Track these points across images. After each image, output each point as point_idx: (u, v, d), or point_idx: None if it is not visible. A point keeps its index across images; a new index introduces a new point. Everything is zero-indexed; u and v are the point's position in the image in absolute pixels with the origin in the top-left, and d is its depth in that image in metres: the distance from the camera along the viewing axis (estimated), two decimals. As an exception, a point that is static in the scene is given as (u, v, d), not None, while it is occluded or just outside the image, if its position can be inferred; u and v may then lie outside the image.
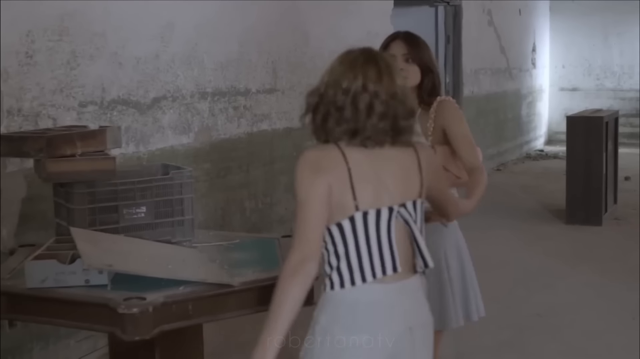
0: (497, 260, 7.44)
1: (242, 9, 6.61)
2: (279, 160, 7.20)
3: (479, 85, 12.64)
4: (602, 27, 15.62)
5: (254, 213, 6.85)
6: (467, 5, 11.79)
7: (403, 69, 3.63)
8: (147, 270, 3.23)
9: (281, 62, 7.19)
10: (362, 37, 8.49)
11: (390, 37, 3.81)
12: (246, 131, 6.73)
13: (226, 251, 3.82)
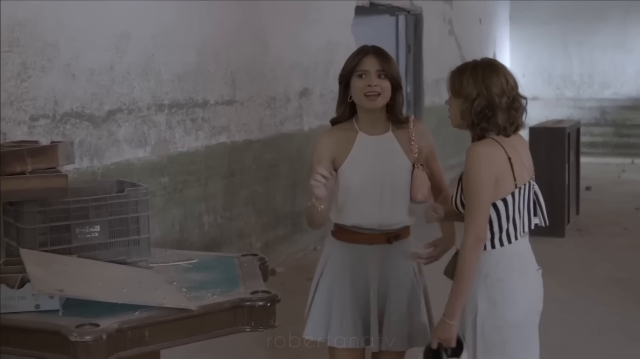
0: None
1: (199, 17, 6.46)
2: (238, 173, 7.04)
3: (440, 95, 12.55)
4: (561, 36, 15.67)
5: (212, 228, 6.68)
6: (428, 14, 11.72)
7: (377, 85, 3.57)
8: (100, 294, 3.11)
9: (240, 72, 7.04)
10: (322, 46, 8.39)
11: (362, 52, 3.64)
12: (204, 144, 6.57)
13: (184, 272, 3.71)
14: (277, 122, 7.67)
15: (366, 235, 3.65)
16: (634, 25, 15.46)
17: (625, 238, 8.69)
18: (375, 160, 3.63)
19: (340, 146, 3.62)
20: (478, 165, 3.18)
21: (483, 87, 3.22)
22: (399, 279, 3.67)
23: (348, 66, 3.61)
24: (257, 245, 7.35)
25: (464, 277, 3.18)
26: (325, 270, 3.72)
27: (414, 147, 3.64)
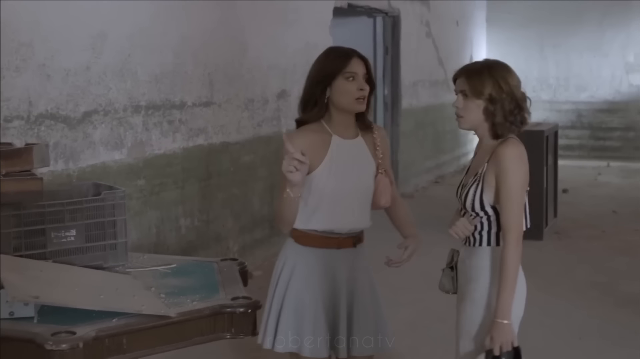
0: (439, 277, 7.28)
1: (177, 18, 6.37)
2: (215, 176, 6.96)
3: (418, 97, 12.54)
4: (538, 39, 15.70)
5: (190, 232, 6.59)
6: (406, 16, 11.68)
7: (363, 90, 3.54)
8: (77, 301, 3.02)
9: (218, 73, 6.96)
10: (301, 47, 8.33)
11: (348, 53, 3.56)
12: (182, 146, 6.49)
13: (162, 277, 3.63)
14: (255, 124, 7.59)
15: (335, 240, 3.60)
16: (610, 28, 15.53)
17: (603, 241, 8.70)
18: (350, 165, 3.58)
19: (314, 149, 3.50)
20: (519, 166, 3.27)
21: (508, 86, 3.31)
22: (363, 282, 3.66)
23: (332, 66, 3.51)
24: (235, 249, 7.26)
25: (512, 276, 3.24)
26: (292, 278, 3.63)
27: (379, 152, 3.64)
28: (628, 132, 15.61)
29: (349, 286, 3.61)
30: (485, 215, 3.35)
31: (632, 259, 7.96)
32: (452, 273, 3.54)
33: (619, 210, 10.42)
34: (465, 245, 3.47)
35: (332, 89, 3.50)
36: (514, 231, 3.25)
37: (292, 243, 3.66)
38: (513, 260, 3.24)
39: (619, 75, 15.68)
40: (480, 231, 3.38)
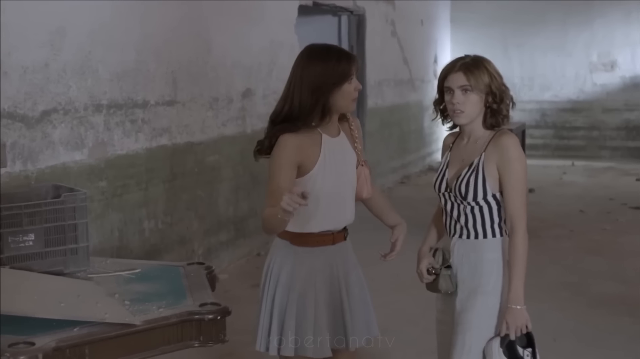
0: (411, 279, 7.14)
1: (139, 14, 6.19)
2: (180, 177, 6.79)
3: (383, 96, 12.45)
4: (502, 38, 15.69)
5: (153, 234, 6.42)
6: (371, 15, 11.59)
7: (359, 89, 3.55)
8: (36, 309, 2.90)
9: (182, 71, 6.79)
10: (266, 46, 8.19)
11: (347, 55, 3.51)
12: (145, 146, 6.30)
13: (126, 283, 3.51)
14: (220, 124, 7.44)
15: (330, 236, 3.59)
16: (573, 28, 15.58)
17: (572, 241, 8.65)
18: (341, 162, 3.55)
19: (307, 150, 3.45)
20: (522, 155, 3.34)
21: (501, 78, 3.39)
22: (356, 276, 3.68)
23: (341, 73, 3.43)
24: (200, 251, 7.10)
25: (523, 263, 3.30)
26: (293, 280, 3.55)
27: (357, 144, 3.64)
28: (592, 131, 15.67)
29: (345, 280, 3.61)
30: (487, 205, 3.36)
31: (601, 259, 7.94)
32: (449, 272, 3.49)
33: (586, 209, 10.40)
34: (461, 238, 3.44)
35: (334, 93, 3.44)
36: (522, 219, 3.32)
37: (286, 245, 3.59)
38: (524, 247, 3.31)
39: (582, 75, 15.72)
40: (482, 223, 3.38)
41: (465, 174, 3.37)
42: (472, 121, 3.39)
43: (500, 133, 3.38)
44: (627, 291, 6.80)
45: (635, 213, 10.29)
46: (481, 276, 3.38)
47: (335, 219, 3.56)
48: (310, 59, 3.46)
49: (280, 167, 3.39)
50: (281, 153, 3.41)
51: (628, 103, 15.54)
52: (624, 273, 7.38)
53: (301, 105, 3.42)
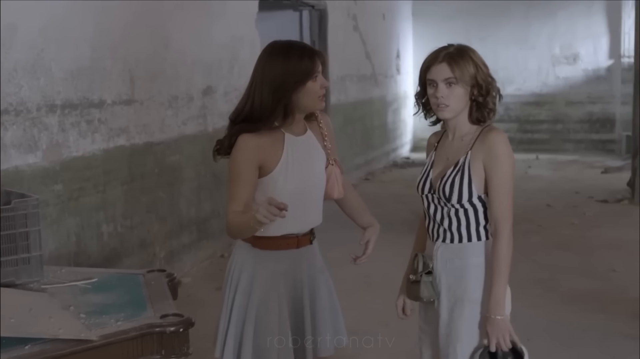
0: (380, 279, 7.03)
1: (94, 9, 5.95)
2: (139, 178, 6.57)
3: (346, 92, 12.30)
4: (464, 32, 15.50)
5: (112, 238, 6.20)
6: (333, 9, 11.43)
7: (326, 87, 3.36)
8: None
9: (139, 69, 6.56)
10: (226, 42, 7.99)
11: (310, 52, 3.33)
12: (102, 147, 6.07)
13: (82, 294, 3.32)
14: (180, 123, 7.22)
15: (294, 239, 3.42)
16: (536, 21, 15.56)
17: (541, 236, 8.54)
18: (306, 162, 3.38)
19: (268, 149, 3.28)
20: (510, 153, 3.14)
21: (487, 69, 3.20)
22: (322, 280, 3.53)
23: (304, 71, 3.25)
24: (161, 255, 6.89)
25: (505, 269, 3.11)
26: (254, 285, 3.39)
27: (327, 142, 3.48)
28: (556, 124, 15.66)
29: (309, 285, 3.47)
30: (472, 207, 3.17)
31: (571, 254, 7.86)
32: (430, 278, 3.27)
33: (552, 203, 10.33)
34: (445, 243, 3.24)
35: (297, 92, 3.27)
36: (507, 221, 3.12)
37: (248, 248, 3.43)
38: (507, 253, 3.10)
39: (545, 68, 15.70)
40: (467, 226, 3.19)
41: (450, 174, 3.18)
42: (456, 115, 3.19)
43: (488, 129, 3.17)
44: (598, 287, 6.72)
45: (602, 207, 10.26)
46: (467, 282, 3.18)
47: (299, 221, 3.37)
48: (271, 57, 3.29)
49: (239, 169, 3.25)
50: (240, 154, 3.25)
51: (591, 95, 15.57)
52: (594, 268, 7.30)
53: (262, 106, 3.26)
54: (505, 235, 3.09)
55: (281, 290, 3.39)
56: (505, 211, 3.10)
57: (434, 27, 15.83)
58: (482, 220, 3.17)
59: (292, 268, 3.42)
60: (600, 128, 15.65)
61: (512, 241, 3.11)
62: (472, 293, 3.17)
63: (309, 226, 3.45)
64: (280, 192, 3.25)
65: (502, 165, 3.10)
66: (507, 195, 3.11)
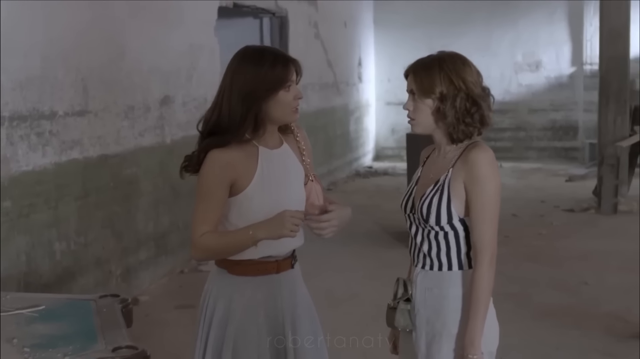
0: (343, 293, 6.82)
1: (44, 15, 5.67)
2: (93, 193, 6.27)
3: (308, 101, 12.06)
4: (426, 39, 15.35)
5: (65, 257, 5.90)
6: (294, 16, 11.21)
7: (300, 98, 3.17)
8: None
9: (93, 78, 6.27)
10: (185, 50, 7.74)
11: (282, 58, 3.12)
12: (53, 161, 5.77)
13: (28, 324, 3.11)
14: (136, 134, 6.94)
15: (273, 264, 3.13)
16: (498, 28, 15.46)
17: (508, 248, 8.33)
18: (283, 177, 3.11)
19: (240, 165, 3.03)
20: (494, 174, 2.86)
21: (460, 80, 2.88)
22: (304, 308, 3.23)
23: (277, 79, 3.02)
24: (118, 272, 6.61)
25: (484, 303, 2.83)
26: (231, 315, 3.11)
27: (305, 157, 3.23)
28: (519, 132, 15.55)
29: (291, 314, 3.17)
30: (452, 230, 2.90)
31: (540, 266, 7.70)
32: (408, 306, 3.01)
33: (518, 212, 10.16)
34: (424, 269, 2.97)
35: (268, 102, 3.02)
36: (487, 250, 2.84)
37: (223, 275, 3.15)
38: (486, 285, 2.83)
39: (508, 75, 15.58)
40: (447, 252, 2.92)
41: (429, 193, 2.92)
42: (431, 131, 2.95)
43: (472, 146, 2.88)
44: (570, 301, 6.55)
45: (568, 216, 10.14)
46: (446, 316, 2.91)
47: (278, 243, 3.06)
48: (242, 63, 3.05)
49: (209, 188, 3.00)
50: (210, 172, 3.00)
51: (554, 103, 15.50)
52: (565, 281, 7.14)
53: (231, 115, 3.01)
54: (484, 264, 2.82)
55: (260, 320, 3.11)
56: (485, 238, 2.84)
57: (396, 34, 15.68)
58: (463, 246, 2.91)
59: (272, 295, 3.14)
60: (564, 136, 15.58)
61: (492, 272, 2.84)
62: (451, 327, 2.90)
63: (289, 249, 3.17)
64: (256, 211, 3.02)
65: (483, 187, 2.82)
66: (488, 220, 2.84)
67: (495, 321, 2.99)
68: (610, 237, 8.84)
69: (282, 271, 3.15)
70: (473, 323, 2.80)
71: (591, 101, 14.97)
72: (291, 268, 3.19)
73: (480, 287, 2.81)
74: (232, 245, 3.01)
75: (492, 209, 2.84)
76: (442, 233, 2.91)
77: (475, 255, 2.85)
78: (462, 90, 2.87)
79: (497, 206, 2.85)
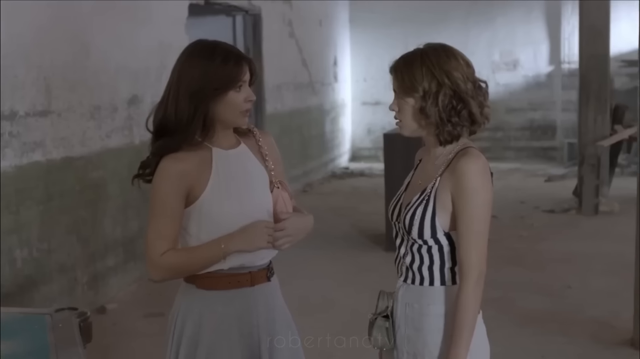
0: (319, 300, 6.60)
1: (3, 12, 5.40)
2: (57, 197, 6.01)
3: (282, 101, 11.84)
4: (403, 38, 15.14)
5: (27, 264, 5.64)
6: (267, 14, 10.97)
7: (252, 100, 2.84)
8: None
9: (56, 78, 6.01)
10: (153, 48, 7.48)
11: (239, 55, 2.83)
12: (13, 163, 5.52)
13: None
14: (103, 135, 6.68)
15: (246, 276, 2.85)
16: (474, 27, 15.29)
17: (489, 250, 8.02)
18: (243, 179, 2.85)
19: (195, 172, 2.76)
20: (484, 185, 2.58)
21: (444, 75, 2.60)
22: (282, 324, 2.96)
23: (225, 75, 2.74)
24: (84, 279, 6.34)
25: (469, 325, 2.57)
26: (201, 334, 2.83)
27: (269, 162, 2.93)
28: (496, 132, 15.35)
29: (268, 331, 2.89)
30: (437, 244, 2.64)
31: (522, 269, 7.50)
32: (386, 323, 2.75)
33: (498, 214, 9.89)
34: (406, 283, 2.72)
35: (217, 102, 2.76)
36: (473, 268, 2.56)
37: (192, 290, 2.87)
38: (472, 306, 2.57)
39: (485, 74, 14.79)
40: (430, 266, 2.66)
41: (414, 202, 2.65)
42: (420, 133, 2.69)
43: (462, 153, 2.61)
44: (554, 306, 6.35)
45: (549, 217, 9.97)
46: (427, 335, 2.65)
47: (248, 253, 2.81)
48: (191, 57, 2.79)
49: (164, 202, 2.75)
50: (164, 184, 2.74)
51: (532, 102, 15.36)
52: (548, 285, 6.93)
53: (177, 114, 2.75)
54: (470, 284, 2.56)
55: (233, 338, 2.83)
56: (472, 256, 2.55)
57: (372, 33, 15.47)
58: (447, 260, 2.64)
59: (246, 311, 2.86)
60: (542, 136, 15.43)
61: (479, 293, 2.58)
62: (432, 348, 2.64)
63: (262, 259, 2.88)
64: (217, 219, 2.76)
65: (471, 200, 2.55)
66: (475, 236, 2.55)
67: (485, 340, 2.75)
68: (592, 239, 8.66)
69: (257, 284, 2.87)
70: (456, 347, 2.55)
71: (569, 100, 14.87)
72: (267, 281, 2.91)
73: (465, 309, 2.55)
74: (201, 261, 2.75)
75: (481, 224, 2.56)
76: (425, 247, 2.65)
77: (460, 274, 2.59)
78: (445, 85, 2.60)
79: (487, 221, 2.59)
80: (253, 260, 2.83)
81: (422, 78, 2.61)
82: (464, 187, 2.54)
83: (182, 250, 2.77)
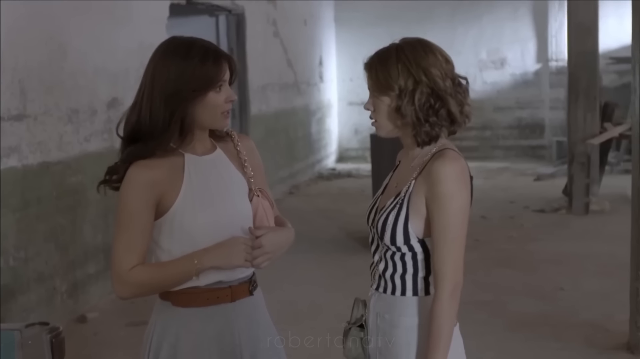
0: (307, 305, 6.42)
1: (-25, 13, 5.21)
2: (34, 204, 5.83)
3: (267, 102, 11.67)
4: (388, 37, 14.50)
5: (4, 274, 5.46)
6: (251, 14, 10.79)
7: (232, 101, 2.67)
8: None
9: (32, 80, 5.83)
10: (133, 49, 7.30)
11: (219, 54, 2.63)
12: (-12, 170, 5.33)
13: None
14: (82, 139, 6.49)
15: (226, 291, 2.65)
16: (461, 25, 15.21)
17: (479, 252, 7.99)
18: (218, 187, 2.65)
19: (165, 180, 2.57)
20: (460, 189, 2.41)
21: (421, 71, 2.44)
22: (266, 341, 2.76)
23: (204, 75, 2.54)
24: (63, 288, 6.16)
25: (444, 337, 2.39)
26: (178, 354, 2.63)
27: (247, 169, 2.74)
28: (484, 131, 15.26)
29: (251, 350, 2.69)
30: (410, 251, 2.47)
31: (513, 271, 7.36)
32: (361, 333, 2.59)
33: (487, 214, 9.80)
34: (378, 291, 2.55)
35: (195, 104, 2.56)
36: (448, 278, 2.39)
37: (167, 307, 2.67)
38: (446, 319, 2.39)
39: (472, 73, 15.23)
40: (402, 275, 2.49)
41: (388, 206, 2.49)
42: (396, 133, 2.52)
43: (438, 155, 2.45)
44: (547, 309, 6.20)
45: (539, 217, 9.83)
46: (398, 349, 2.49)
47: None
48: (166, 56, 2.58)
49: (132, 213, 2.55)
50: (132, 193, 2.55)
51: (519, 101, 15.26)
52: (540, 287, 6.78)
53: (152, 118, 2.56)
54: (444, 295, 2.39)
55: (213, 358, 2.65)
56: (446, 265, 2.39)
57: (357, 32, 15.31)
58: (421, 269, 2.48)
59: (227, 329, 2.66)
60: (530, 134, 15.33)
61: (455, 304, 2.41)
62: None
63: (243, 272, 2.68)
64: (190, 231, 2.57)
65: (445, 206, 2.38)
66: (450, 244, 2.39)
67: (462, 355, 2.55)
68: (583, 239, 8.53)
69: (239, 299, 2.68)
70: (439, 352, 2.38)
71: (557, 98, 14.77)
72: (249, 295, 2.72)
73: (439, 321, 2.38)
74: (172, 278, 2.56)
75: (457, 231, 2.41)
76: (398, 254, 2.48)
77: (435, 284, 2.42)
78: (422, 83, 2.44)
79: (463, 228, 2.43)
80: (232, 274, 2.64)
81: (397, 75, 2.45)
82: (439, 192, 2.39)
83: (152, 266, 2.59)
